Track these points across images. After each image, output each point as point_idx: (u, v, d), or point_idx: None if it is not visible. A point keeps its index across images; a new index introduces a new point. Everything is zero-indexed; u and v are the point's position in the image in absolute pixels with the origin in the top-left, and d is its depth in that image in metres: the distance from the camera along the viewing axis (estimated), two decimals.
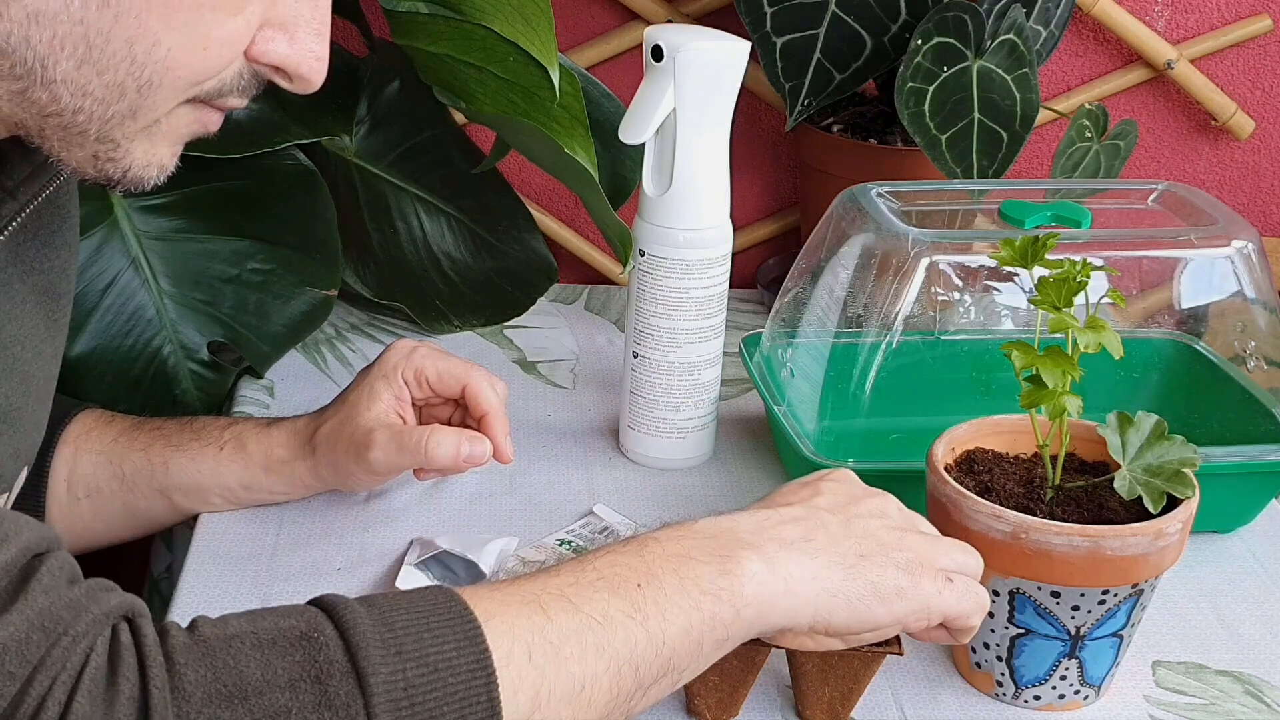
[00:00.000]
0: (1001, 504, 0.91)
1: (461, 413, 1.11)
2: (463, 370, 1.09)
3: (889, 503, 0.89)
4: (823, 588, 0.83)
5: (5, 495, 0.94)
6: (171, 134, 0.80)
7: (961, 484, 0.93)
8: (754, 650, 0.90)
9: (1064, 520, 0.91)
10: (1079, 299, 0.91)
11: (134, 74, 0.75)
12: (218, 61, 0.77)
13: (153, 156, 0.79)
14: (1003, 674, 0.95)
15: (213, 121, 0.81)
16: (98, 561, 1.57)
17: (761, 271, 1.56)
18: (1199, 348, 1.22)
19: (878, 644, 0.90)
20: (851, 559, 0.84)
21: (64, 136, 0.77)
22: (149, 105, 0.76)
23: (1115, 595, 0.91)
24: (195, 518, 1.11)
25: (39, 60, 0.73)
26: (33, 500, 1.07)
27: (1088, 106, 1.37)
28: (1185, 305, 1.22)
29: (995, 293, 1.18)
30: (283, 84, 0.80)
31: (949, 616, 0.86)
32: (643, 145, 1.14)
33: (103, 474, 1.09)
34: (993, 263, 1.13)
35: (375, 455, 1.05)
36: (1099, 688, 0.96)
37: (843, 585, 0.83)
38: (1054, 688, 0.95)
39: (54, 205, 0.94)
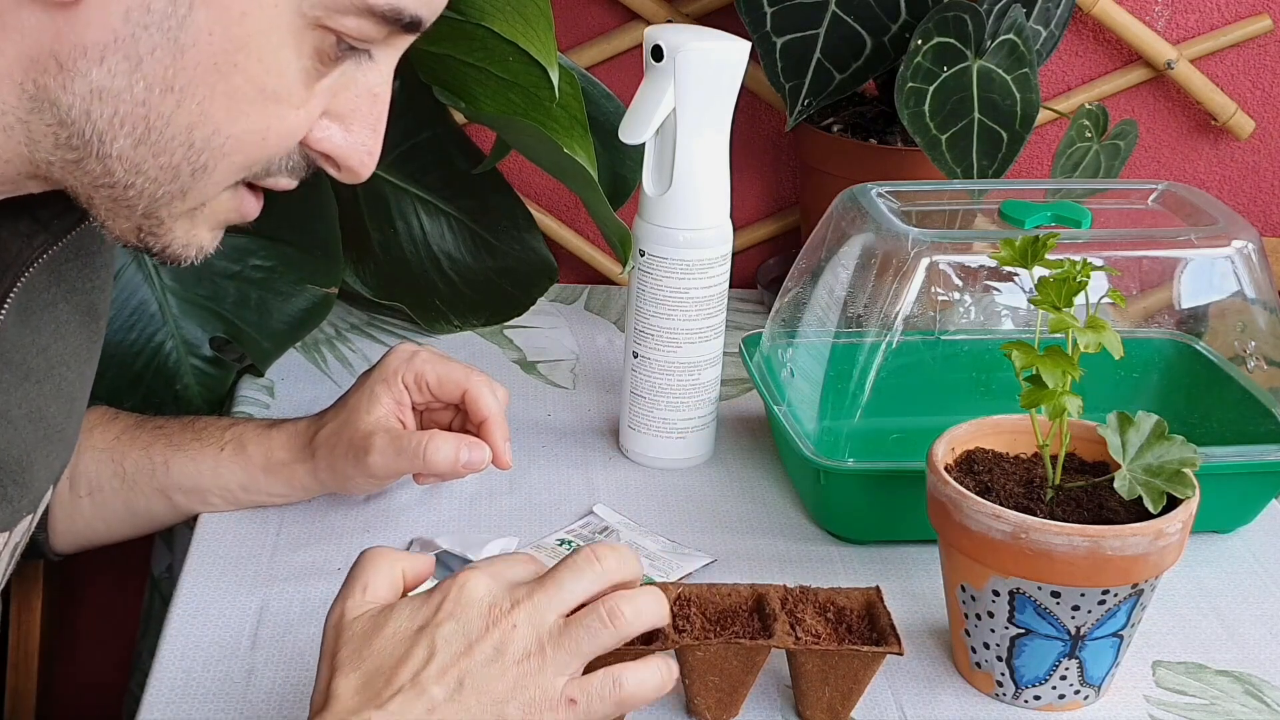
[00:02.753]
0: (1001, 504, 0.91)
1: (462, 418, 1.11)
2: (463, 375, 1.09)
3: (509, 627, 0.79)
4: None
5: (30, 516, 0.94)
6: (212, 218, 0.80)
7: (961, 484, 0.93)
8: (754, 650, 0.90)
9: (1064, 520, 0.91)
10: (1079, 299, 0.91)
11: (190, 159, 0.75)
12: (276, 151, 0.78)
13: (192, 238, 0.80)
14: (1003, 674, 0.95)
15: (251, 210, 0.82)
16: (99, 562, 1.57)
17: (761, 271, 1.56)
18: (1199, 348, 1.22)
19: (878, 643, 0.91)
20: None
21: (112, 207, 0.78)
22: (199, 188, 0.77)
23: (1115, 595, 0.91)
24: (195, 518, 1.11)
25: (97, 135, 0.74)
26: None
27: (1088, 106, 1.37)
28: (1185, 305, 1.22)
29: (995, 293, 1.18)
30: (330, 171, 0.81)
31: None
32: (643, 145, 1.14)
33: (104, 471, 1.09)
34: (993, 263, 1.13)
35: (374, 460, 1.06)
36: (1099, 688, 0.96)
37: None
38: (1054, 688, 0.95)
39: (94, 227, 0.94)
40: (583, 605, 0.82)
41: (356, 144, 0.80)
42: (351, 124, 0.79)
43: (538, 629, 0.80)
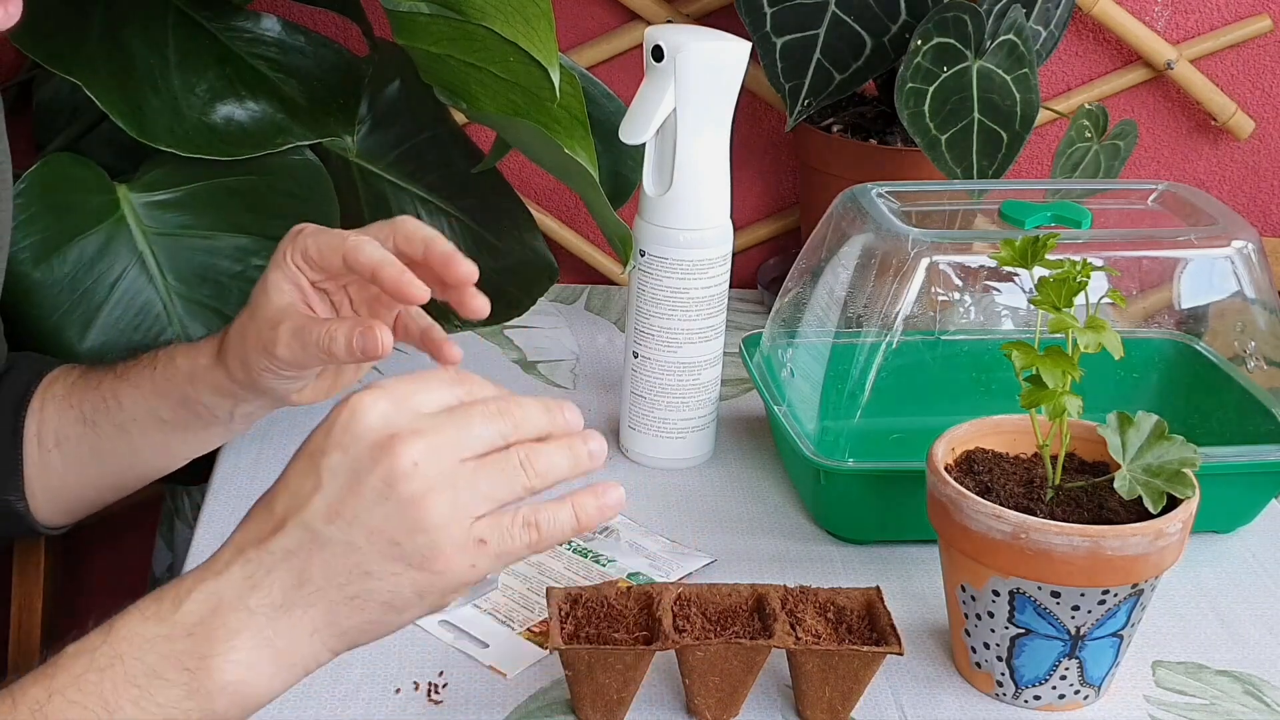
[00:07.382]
0: (1001, 504, 0.91)
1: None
2: (340, 239, 0.98)
3: (408, 464, 0.74)
4: (329, 634, 0.75)
5: None
6: None
7: (961, 484, 0.93)
8: (754, 650, 0.90)
9: (1064, 520, 0.91)
10: (1079, 299, 0.91)
11: None
12: None
13: None
14: (1003, 674, 0.95)
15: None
16: (100, 562, 1.58)
17: (761, 271, 1.56)
18: (1199, 348, 1.22)
19: (878, 643, 0.91)
20: (356, 581, 0.75)
21: None
22: None
23: (1115, 595, 0.91)
24: (197, 518, 1.11)
25: None
26: (10, 462, 1.06)
27: (1088, 106, 1.37)
28: (1185, 305, 1.22)
29: (995, 293, 1.18)
30: None
31: (505, 565, 0.77)
32: (643, 145, 1.14)
33: (66, 418, 1.07)
34: (993, 263, 1.13)
35: (281, 352, 0.98)
36: (1099, 688, 0.96)
37: (351, 620, 0.75)
38: (1054, 688, 0.95)
39: None
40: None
41: None
42: None
43: (439, 468, 0.74)
